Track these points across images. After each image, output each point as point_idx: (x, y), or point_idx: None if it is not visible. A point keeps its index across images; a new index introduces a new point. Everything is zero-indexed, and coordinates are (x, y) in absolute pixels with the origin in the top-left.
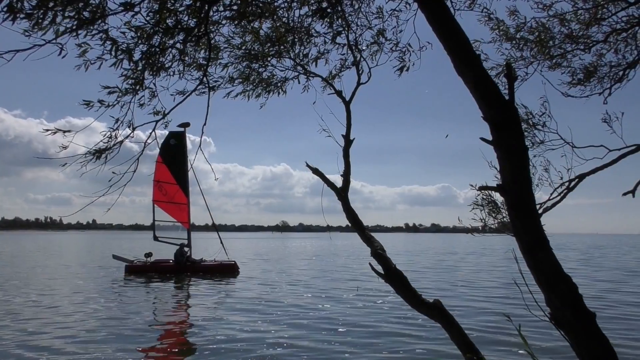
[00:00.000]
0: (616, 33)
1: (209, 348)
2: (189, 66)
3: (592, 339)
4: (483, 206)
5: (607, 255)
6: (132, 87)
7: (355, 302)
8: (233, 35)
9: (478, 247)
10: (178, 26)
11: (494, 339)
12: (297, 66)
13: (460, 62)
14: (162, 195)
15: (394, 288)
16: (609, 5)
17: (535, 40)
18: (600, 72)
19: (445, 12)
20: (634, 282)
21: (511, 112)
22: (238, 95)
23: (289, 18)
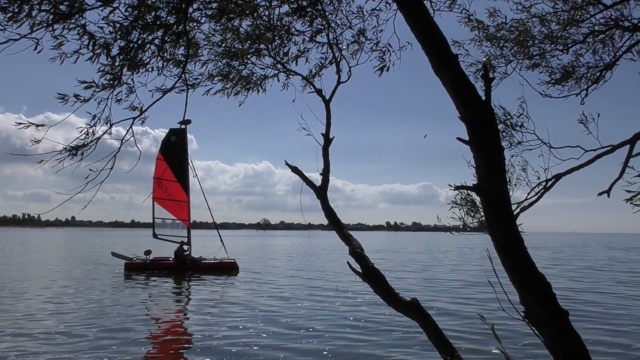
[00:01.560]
0: (594, 34)
1: (206, 347)
2: (168, 62)
3: (565, 337)
4: (462, 205)
5: (578, 254)
6: (109, 82)
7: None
8: (213, 33)
9: (457, 246)
10: (157, 22)
11: (469, 338)
12: (277, 64)
13: (438, 63)
14: (162, 192)
15: (372, 287)
16: (587, 7)
17: (515, 40)
18: (578, 72)
19: (423, 12)
20: (593, 280)
21: (487, 112)
22: (217, 92)
23: (269, 16)
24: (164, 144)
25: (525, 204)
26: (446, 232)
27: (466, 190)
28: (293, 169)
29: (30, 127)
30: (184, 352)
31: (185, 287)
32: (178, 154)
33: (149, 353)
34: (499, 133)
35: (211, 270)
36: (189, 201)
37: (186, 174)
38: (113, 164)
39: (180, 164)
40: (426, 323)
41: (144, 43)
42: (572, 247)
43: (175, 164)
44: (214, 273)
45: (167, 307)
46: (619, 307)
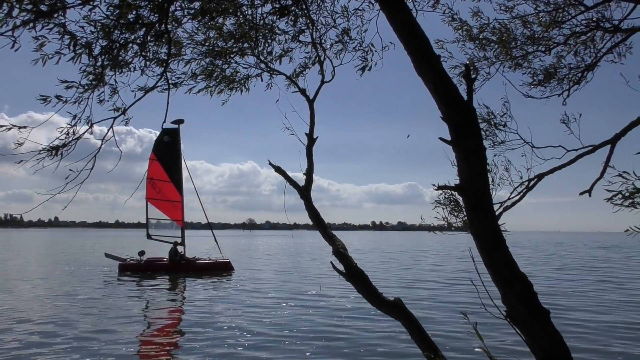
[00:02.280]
0: (575, 36)
1: (199, 347)
2: (151, 62)
3: (546, 336)
4: (445, 205)
5: (559, 253)
6: (91, 82)
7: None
8: (196, 32)
9: (440, 245)
10: (139, 21)
11: (452, 337)
12: (261, 64)
13: (420, 63)
14: (155, 192)
15: (355, 287)
16: (569, 8)
17: (498, 41)
18: (559, 73)
19: (406, 12)
20: (568, 278)
21: (469, 112)
22: (200, 91)
23: (253, 15)
24: (157, 144)
25: (508, 204)
26: (430, 232)
27: (449, 190)
28: (276, 168)
29: (11, 129)
30: (177, 352)
31: (181, 287)
32: (171, 154)
33: (142, 353)
34: (481, 133)
35: (206, 270)
36: (182, 201)
37: (180, 174)
38: (93, 164)
39: (174, 164)
40: (409, 322)
41: (126, 42)
42: (554, 246)
43: (169, 164)
44: (209, 273)
45: (163, 308)
46: (595, 306)
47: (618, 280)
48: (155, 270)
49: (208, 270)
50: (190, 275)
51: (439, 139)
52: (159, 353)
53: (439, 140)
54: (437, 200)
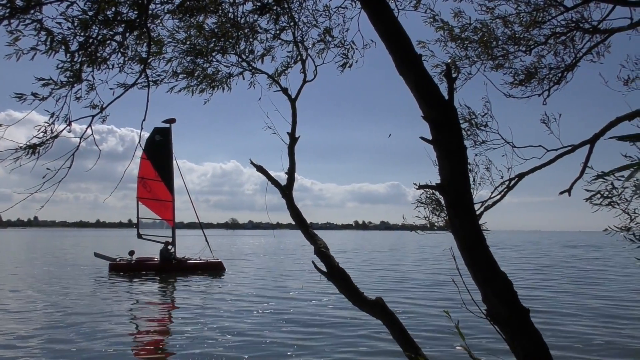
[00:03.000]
0: (555, 36)
1: (190, 347)
2: (131, 60)
3: (526, 335)
4: (427, 204)
5: (538, 252)
6: (68, 79)
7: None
8: (178, 30)
9: (422, 245)
10: (117, 18)
11: (434, 336)
12: (242, 62)
13: (402, 62)
14: (146, 192)
15: (337, 286)
16: (549, 9)
17: (479, 41)
18: (540, 73)
19: (387, 12)
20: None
21: (450, 112)
22: (182, 90)
23: (234, 13)
24: (148, 143)
25: (489, 203)
26: (412, 231)
27: (430, 189)
28: (258, 168)
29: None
30: (168, 352)
31: (172, 287)
32: (162, 153)
33: (133, 352)
34: (462, 132)
35: (197, 270)
36: (173, 201)
37: (171, 173)
38: (71, 162)
39: (165, 163)
40: (391, 322)
41: (104, 39)
42: (534, 245)
43: (160, 163)
44: (200, 273)
45: (153, 308)
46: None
47: (592, 279)
48: (146, 270)
49: (199, 270)
50: (182, 275)
51: (420, 138)
52: (150, 353)
53: (420, 139)
54: (419, 200)
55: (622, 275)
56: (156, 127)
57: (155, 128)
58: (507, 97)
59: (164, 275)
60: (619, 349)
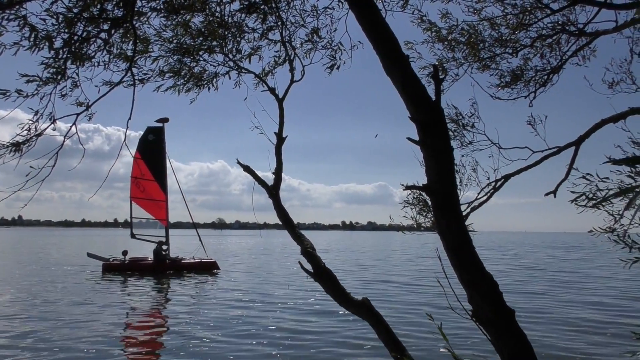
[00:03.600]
0: (542, 38)
1: (185, 347)
2: (117, 57)
3: (510, 336)
4: (414, 205)
5: (522, 254)
6: (53, 76)
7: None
8: (164, 28)
9: (409, 245)
10: (103, 15)
11: (420, 336)
12: (229, 62)
13: (389, 63)
14: (139, 191)
15: (323, 286)
16: (535, 11)
17: (466, 42)
18: (526, 75)
19: (375, 12)
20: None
21: (437, 113)
22: (168, 89)
23: (222, 12)
24: (141, 143)
25: (476, 204)
26: (399, 232)
27: (417, 190)
28: (245, 168)
29: None
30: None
31: (167, 287)
32: (156, 153)
33: (125, 353)
34: (449, 133)
35: (192, 269)
36: (167, 200)
37: (164, 173)
38: (55, 161)
39: (158, 163)
40: (377, 322)
41: (89, 36)
42: (518, 246)
43: (153, 163)
44: (194, 273)
45: (150, 308)
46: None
47: (575, 279)
48: (140, 270)
49: (193, 270)
50: (176, 275)
51: (406, 139)
52: (143, 353)
53: (407, 140)
54: (405, 200)
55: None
56: (149, 127)
57: (148, 127)
58: (493, 98)
59: (158, 275)
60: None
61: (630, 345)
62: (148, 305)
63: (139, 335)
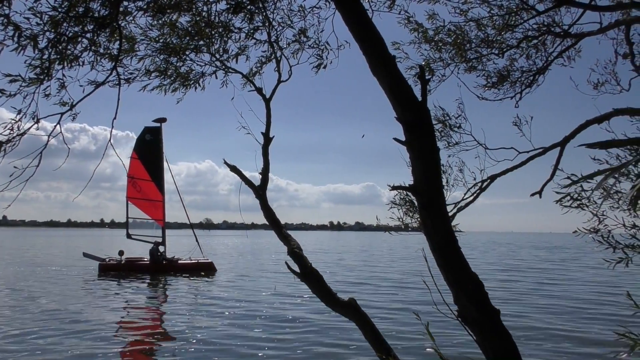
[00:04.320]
0: (527, 39)
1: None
2: (101, 56)
3: (495, 335)
4: (400, 206)
5: (506, 254)
6: (37, 76)
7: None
8: (151, 27)
9: (395, 246)
10: (88, 15)
11: (406, 337)
12: (216, 62)
13: (375, 63)
14: (136, 192)
15: (310, 287)
16: (521, 12)
17: (453, 43)
18: (512, 76)
19: (361, 13)
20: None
21: (423, 113)
22: (154, 89)
23: (208, 12)
24: (138, 143)
25: (462, 204)
26: (385, 232)
27: (403, 190)
28: (232, 168)
29: None
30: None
31: (164, 287)
32: (153, 153)
33: (122, 353)
34: (435, 134)
35: (188, 270)
36: (164, 201)
37: (161, 173)
38: (39, 161)
39: (155, 163)
40: (363, 323)
41: (74, 36)
42: (503, 246)
43: (150, 163)
44: (191, 273)
45: (146, 308)
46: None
47: (557, 279)
48: (136, 270)
49: (190, 271)
50: (173, 275)
51: (393, 139)
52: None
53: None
54: (392, 201)
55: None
56: (146, 127)
57: (145, 127)
58: (480, 99)
59: (155, 276)
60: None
61: (613, 346)
62: (145, 306)
63: (135, 336)
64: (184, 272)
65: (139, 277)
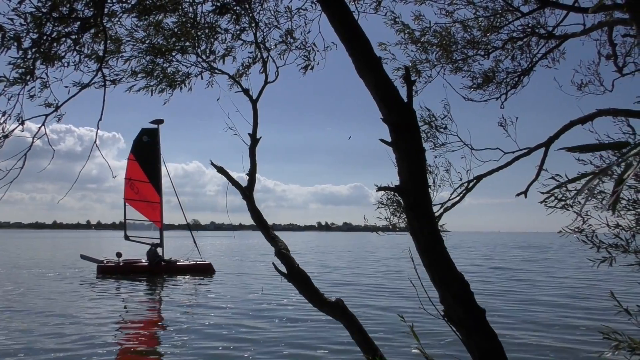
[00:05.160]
0: (512, 41)
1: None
2: (86, 57)
3: (481, 335)
4: (387, 206)
5: (489, 254)
6: (21, 76)
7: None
8: (136, 28)
9: (382, 246)
10: (72, 15)
11: (393, 337)
12: (202, 62)
13: (361, 65)
14: (133, 193)
15: (297, 288)
16: (506, 14)
17: (439, 44)
18: (498, 77)
19: (347, 14)
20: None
21: (409, 114)
22: (141, 90)
23: (194, 13)
24: (135, 144)
25: (448, 205)
26: (373, 232)
27: (389, 191)
28: (219, 169)
29: None
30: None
31: (163, 289)
32: (150, 155)
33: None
34: (421, 135)
35: (187, 272)
36: (161, 202)
37: (158, 174)
38: (24, 162)
39: (153, 165)
40: (350, 323)
41: (59, 36)
42: (488, 247)
43: (148, 165)
44: (190, 275)
45: (146, 310)
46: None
47: (540, 277)
48: (135, 272)
49: (189, 272)
50: (171, 277)
51: (379, 140)
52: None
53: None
54: (380, 201)
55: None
56: (144, 128)
57: (142, 129)
58: (466, 100)
59: (153, 277)
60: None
61: (598, 344)
62: (143, 308)
63: (134, 337)
64: (183, 274)
65: (137, 279)
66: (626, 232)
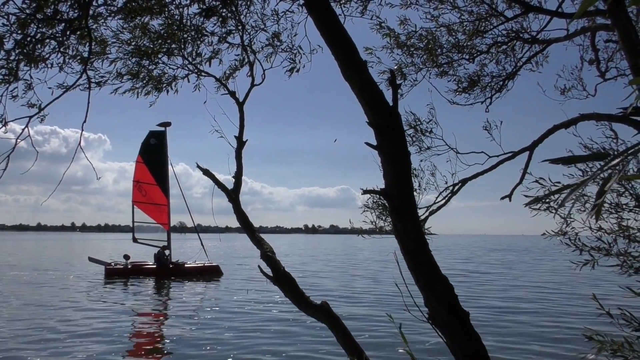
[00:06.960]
0: (497, 45)
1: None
2: (70, 59)
3: (465, 337)
4: (373, 209)
5: (471, 257)
6: (4, 77)
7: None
8: (122, 30)
9: (368, 249)
10: (57, 16)
11: (377, 340)
12: (188, 65)
13: (347, 68)
14: (141, 195)
15: (282, 290)
16: (491, 18)
17: (425, 48)
18: (482, 81)
19: (333, 18)
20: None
21: (394, 118)
22: (126, 92)
23: (180, 15)
24: (143, 147)
25: (434, 208)
26: (358, 235)
27: (375, 194)
28: (204, 171)
29: None
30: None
31: (172, 291)
32: (158, 157)
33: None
34: (406, 139)
35: (195, 274)
36: (169, 205)
37: (166, 177)
38: (7, 164)
39: (160, 167)
40: (336, 326)
41: (43, 37)
42: (472, 249)
43: (155, 167)
44: (197, 277)
45: (156, 312)
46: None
47: (525, 279)
48: (143, 274)
49: (197, 275)
50: (180, 279)
51: (365, 143)
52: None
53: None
54: (365, 205)
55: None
56: (151, 131)
57: (150, 132)
58: (451, 104)
59: (162, 280)
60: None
61: (581, 347)
62: (155, 310)
63: (144, 340)
64: (191, 276)
65: (146, 281)
66: (608, 234)
